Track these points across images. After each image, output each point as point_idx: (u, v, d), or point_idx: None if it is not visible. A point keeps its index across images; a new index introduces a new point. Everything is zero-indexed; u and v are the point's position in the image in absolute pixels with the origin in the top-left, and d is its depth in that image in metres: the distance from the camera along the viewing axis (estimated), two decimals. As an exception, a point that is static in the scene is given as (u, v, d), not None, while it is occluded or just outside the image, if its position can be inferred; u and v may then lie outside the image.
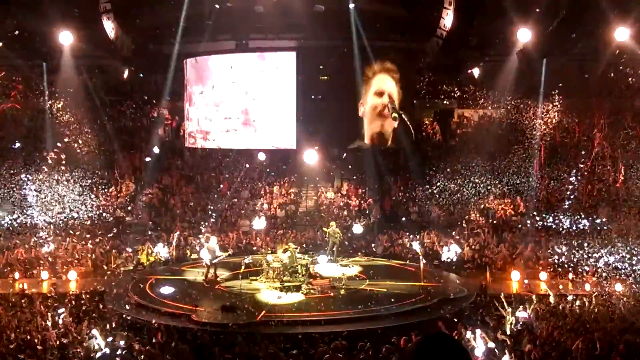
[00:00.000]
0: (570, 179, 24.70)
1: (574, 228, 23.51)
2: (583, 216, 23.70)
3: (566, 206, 24.45)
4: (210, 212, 26.58)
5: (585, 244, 21.09)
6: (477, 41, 25.79)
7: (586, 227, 23.26)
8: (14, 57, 23.57)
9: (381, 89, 24.99)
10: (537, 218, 24.59)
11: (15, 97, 24.89)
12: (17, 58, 23.80)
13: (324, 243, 23.31)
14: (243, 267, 18.78)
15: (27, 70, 25.21)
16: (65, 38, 22.57)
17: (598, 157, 24.08)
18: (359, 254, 23.75)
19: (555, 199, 25.18)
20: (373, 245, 24.72)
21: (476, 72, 27.27)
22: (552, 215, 24.41)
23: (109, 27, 23.92)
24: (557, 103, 24.99)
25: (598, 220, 23.36)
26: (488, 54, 26.41)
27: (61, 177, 24.48)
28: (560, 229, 23.75)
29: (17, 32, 22.20)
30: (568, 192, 24.58)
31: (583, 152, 24.58)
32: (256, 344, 13.36)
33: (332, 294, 18.06)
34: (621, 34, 19.79)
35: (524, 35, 22.06)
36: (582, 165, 24.55)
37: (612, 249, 20.11)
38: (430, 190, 26.59)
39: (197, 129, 26.62)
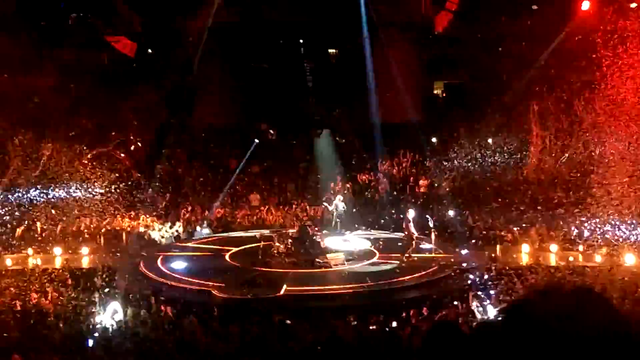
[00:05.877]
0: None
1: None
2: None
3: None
4: (220, 187, 26.67)
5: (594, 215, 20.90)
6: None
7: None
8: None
9: None
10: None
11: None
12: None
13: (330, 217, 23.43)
14: (262, 243, 18.86)
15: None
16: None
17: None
18: (364, 228, 23.85)
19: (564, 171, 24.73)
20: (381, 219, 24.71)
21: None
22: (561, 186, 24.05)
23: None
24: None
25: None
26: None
27: (73, 154, 24.37)
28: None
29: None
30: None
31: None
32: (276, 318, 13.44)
33: (345, 268, 18.16)
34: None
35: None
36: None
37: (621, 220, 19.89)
38: (439, 164, 26.46)
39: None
